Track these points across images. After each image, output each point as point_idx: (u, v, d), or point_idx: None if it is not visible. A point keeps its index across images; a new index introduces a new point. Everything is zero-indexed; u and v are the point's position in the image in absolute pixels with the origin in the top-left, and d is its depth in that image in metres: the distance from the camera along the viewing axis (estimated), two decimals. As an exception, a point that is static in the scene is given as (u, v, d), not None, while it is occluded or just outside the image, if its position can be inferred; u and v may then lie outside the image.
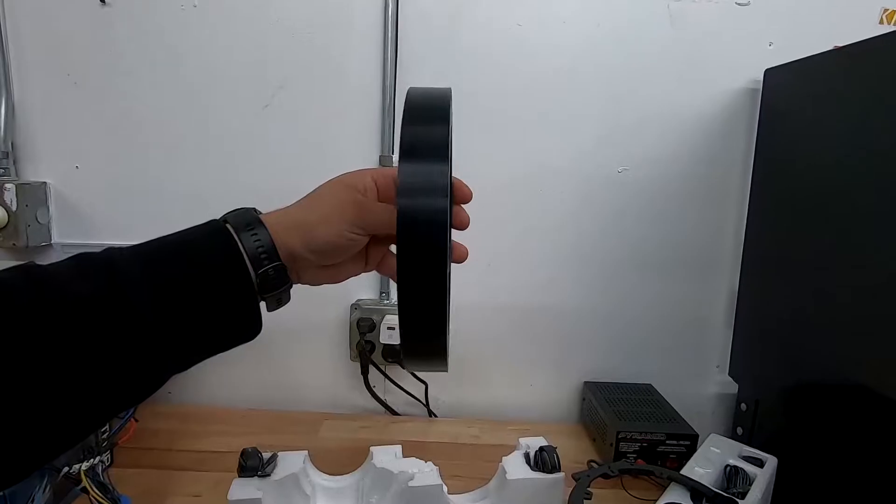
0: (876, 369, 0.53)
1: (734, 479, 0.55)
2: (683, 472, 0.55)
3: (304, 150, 0.79)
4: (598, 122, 0.79)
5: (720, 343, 0.85)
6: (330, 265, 0.40)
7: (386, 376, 0.83)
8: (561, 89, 0.78)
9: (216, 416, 0.81)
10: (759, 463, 0.58)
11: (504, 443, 0.77)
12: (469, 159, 0.80)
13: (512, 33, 0.76)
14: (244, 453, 0.52)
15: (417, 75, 0.77)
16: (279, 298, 0.37)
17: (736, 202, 0.81)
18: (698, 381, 0.86)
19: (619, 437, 0.69)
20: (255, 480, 0.50)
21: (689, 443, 0.69)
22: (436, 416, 0.85)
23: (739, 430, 0.80)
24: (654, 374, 0.85)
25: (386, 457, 0.55)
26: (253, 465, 0.51)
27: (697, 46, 0.77)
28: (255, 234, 0.35)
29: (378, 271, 0.44)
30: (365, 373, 0.81)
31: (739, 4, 0.76)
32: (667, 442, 0.69)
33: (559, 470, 0.55)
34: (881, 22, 0.76)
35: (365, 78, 0.77)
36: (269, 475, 0.51)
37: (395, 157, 0.78)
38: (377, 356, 0.81)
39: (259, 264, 0.35)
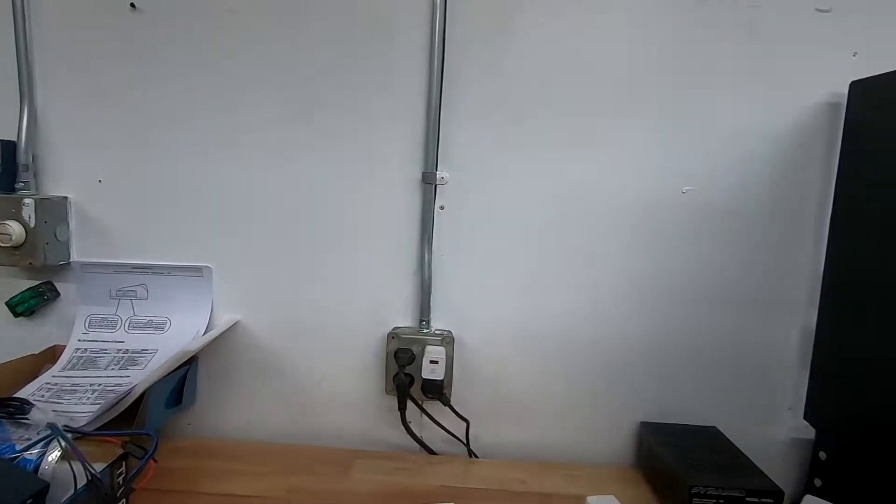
0: None
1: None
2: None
3: (343, 166, 0.74)
4: (661, 138, 0.72)
5: (793, 384, 0.77)
6: None
7: (426, 414, 0.75)
8: (618, 101, 0.72)
9: (238, 452, 0.74)
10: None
11: (556, 491, 0.70)
12: (514, 176, 0.74)
13: (566, 44, 0.71)
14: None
15: (463, 90, 0.72)
16: None
17: (813, 229, 0.73)
18: (767, 424, 0.78)
19: (693, 492, 0.61)
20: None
21: (773, 501, 0.61)
22: (476, 456, 0.78)
23: (818, 482, 0.72)
24: (717, 415, 0.77)
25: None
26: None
27: (773, 57, 0.70)
28: None
29: None
30: (402, 408, 0.74)
31: (820, 11, 0.69)
32: (747, 499, 0.61)
33: (639, 539, 0.48)
34: (980, 31, 0.69)
35: (408, 93, 0.72)
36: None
37: (440, 173, 0.73)
38: (416, 391, 0.74)
39: None
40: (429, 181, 0.72)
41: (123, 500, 0.57)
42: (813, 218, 0.73)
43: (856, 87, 0.68)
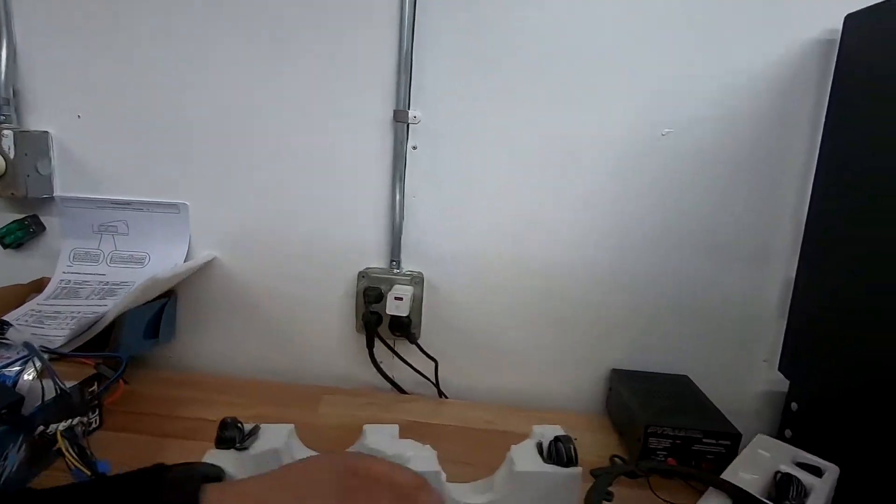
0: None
1: (787, 488, 0.47)
2: (725, 476, 0.47)
3: (314, 103, 0.73)
4: (642, 77, 0.69)
5: (770, 335, 0.75)
6: None
7: (392, 351, 0.77)
8: (599, 46, 0.69)
9: (214, 384, 0.76)
10: (817, 472, 0.50)
11: (520, 430, 0.70)
12: (490, 118, 0.72)
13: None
14: (223, 423, 0.47)
15: (437, 29, 0.69)
16: None
17: (798, 175, 0.70)
18: (741, 375, 0.77)
19: (649, 431, 0.61)
20: (231, 453, 0.45)
21: (730, 443, 0.60)
22: (446, 396, 0.79)
23: (788, 433, 0.71)
24: (691, 364, 0.76)
25: (380, 437, 0.49)
26: (231, 436, 0.46)
27: (763, -10, 0.66)
28: None
29: None
30: (370, 346, 0.75)
31: (817, -62, 0.65)
32: (704, 440, 0.60)
33: (576, 464, 0.48)
34: None
35: (381, 25, 0.70)
36: (247, 449, 0.46)
37: (412, 112, 0.72)
38: (384, 329, 0.75)
39: None
40: (400, 119, 0.71)
41: (96, 414, 0.60)
42: (800, 161, 0.70)
43: (851, 19, 0.63)
